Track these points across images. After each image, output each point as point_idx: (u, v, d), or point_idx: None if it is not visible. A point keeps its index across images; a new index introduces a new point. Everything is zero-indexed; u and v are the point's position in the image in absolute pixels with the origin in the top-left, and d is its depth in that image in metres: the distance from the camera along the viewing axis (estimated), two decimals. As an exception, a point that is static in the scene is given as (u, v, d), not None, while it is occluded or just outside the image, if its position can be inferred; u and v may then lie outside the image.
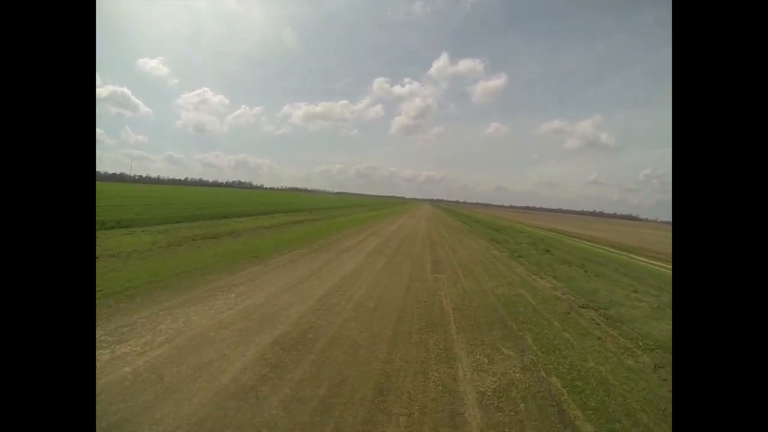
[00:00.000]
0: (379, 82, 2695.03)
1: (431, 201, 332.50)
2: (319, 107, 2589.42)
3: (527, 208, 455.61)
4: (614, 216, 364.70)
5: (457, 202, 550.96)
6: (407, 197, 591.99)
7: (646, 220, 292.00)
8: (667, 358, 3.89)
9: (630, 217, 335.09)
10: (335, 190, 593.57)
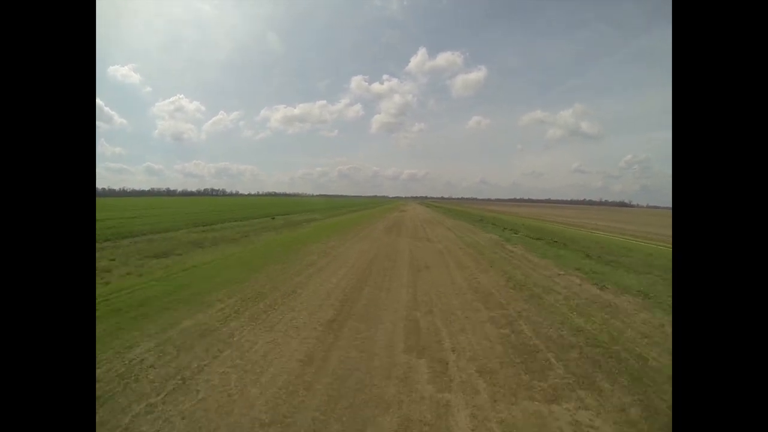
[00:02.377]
0: (357, 81, 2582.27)
1: (415, 198, 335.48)
2: (297, 109, 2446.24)
3: (513, 200, 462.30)
4: (605, 203, 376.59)
5: (442, 198, 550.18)
6: (390, 196, 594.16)
7: (637, 206, 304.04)
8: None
9: (622, 204, 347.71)
10: (317, 193, 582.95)
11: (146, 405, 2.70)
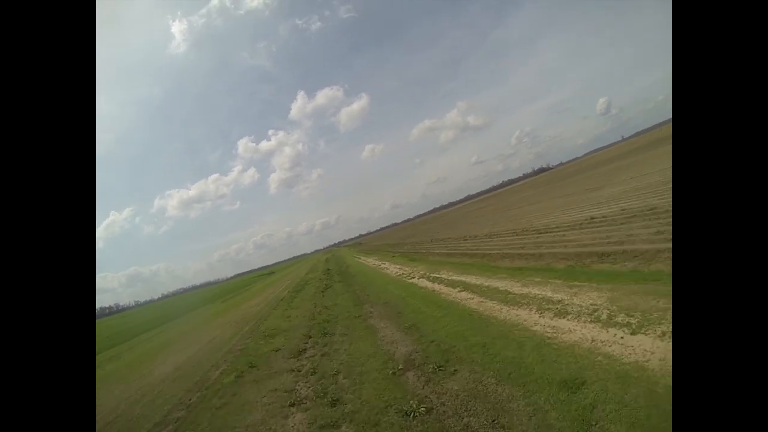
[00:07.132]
0: (244, 144, 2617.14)
1: (331, 247, 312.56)
2: (192, 190, 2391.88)
3: (432, 211, 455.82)
4: (528, 176, 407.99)
5: (360, 236, 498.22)
6: (309, 252, 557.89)
7: (554, 167, 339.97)
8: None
9: (542, 170, 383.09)
10: (238, 272, 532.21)
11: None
